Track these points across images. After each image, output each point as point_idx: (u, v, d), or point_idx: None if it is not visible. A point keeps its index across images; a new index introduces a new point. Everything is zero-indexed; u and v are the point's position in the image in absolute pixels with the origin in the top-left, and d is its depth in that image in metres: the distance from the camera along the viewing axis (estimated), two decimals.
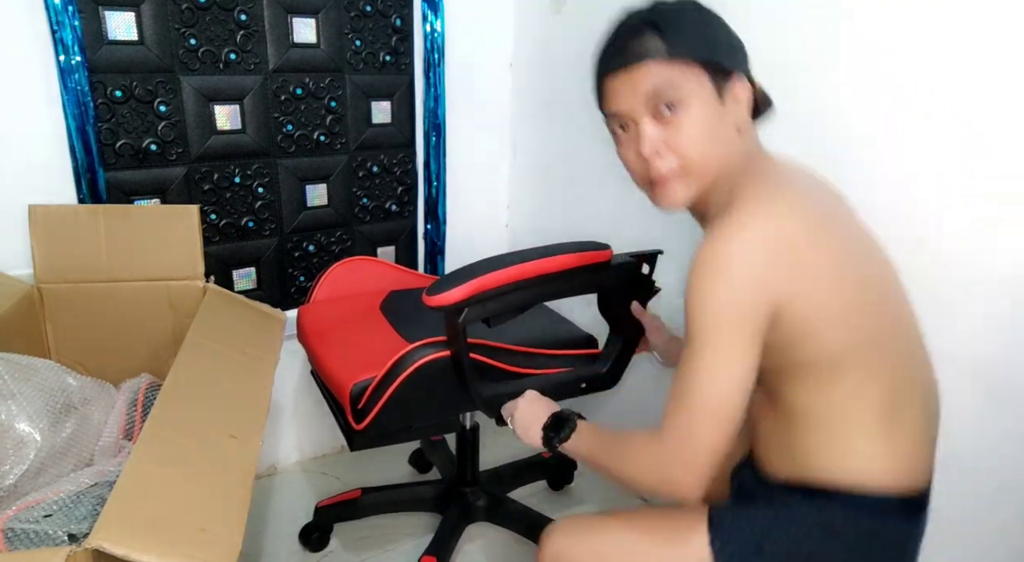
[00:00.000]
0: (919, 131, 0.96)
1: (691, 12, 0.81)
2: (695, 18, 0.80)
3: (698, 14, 0.81)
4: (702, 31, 0.79)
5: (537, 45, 1.66)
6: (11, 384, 0.92)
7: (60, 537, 0.79)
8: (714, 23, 0.81)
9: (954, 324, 0.95)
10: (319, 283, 1.40)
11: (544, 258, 1.02)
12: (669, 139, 0.79)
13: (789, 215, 0.73)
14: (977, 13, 0.88)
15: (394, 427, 1.12)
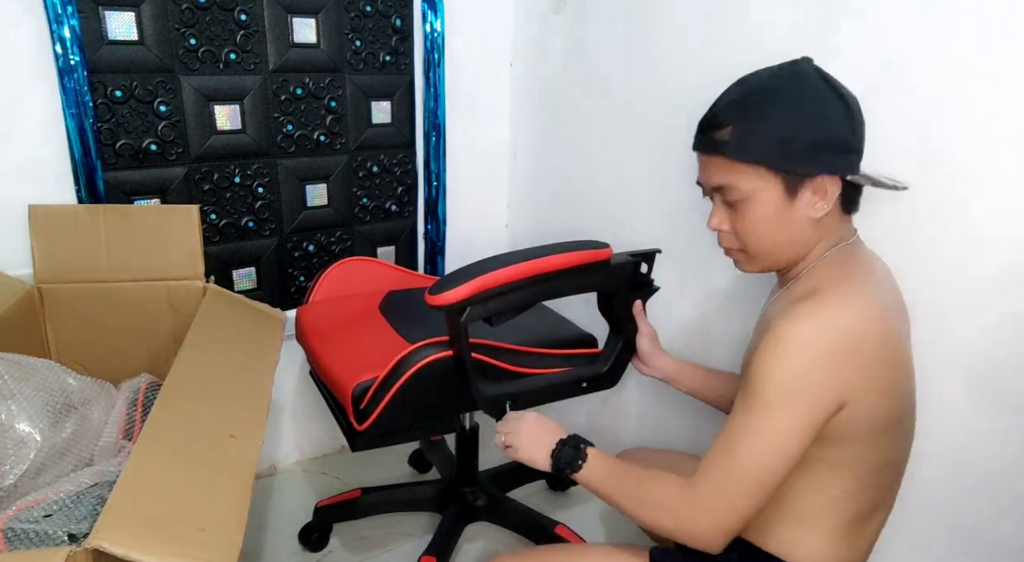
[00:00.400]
0: (919, 130, 0.96)
1: (776, 109, 0.77)
2: (778, 116, 0.76)
3: (784, 110, 0.76)
4: (781, 134, 0.76)
5: (537, 45, 1.66)
6: (11, 384, 0.91)
7: (60, 537, 0.78)
8: (802, 120, 0.76)
9: (953, 324, 0.95)
10: (317, 284, 1.40)
11: (545, 257, 1.02)
12: (735, 223, 0.83)
13: (872, 319, 0.74)
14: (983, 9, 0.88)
15: (396, 427, 1.12)
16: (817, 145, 0.76)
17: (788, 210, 0.79)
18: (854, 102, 0.78)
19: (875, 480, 0.80)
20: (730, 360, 1.30)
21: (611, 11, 1.43)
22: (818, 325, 0.72)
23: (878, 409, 0.75)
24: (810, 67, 0.80)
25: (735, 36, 1.19)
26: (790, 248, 0.82)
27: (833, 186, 0.77)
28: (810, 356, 0.71)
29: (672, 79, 1.32)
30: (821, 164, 0.76)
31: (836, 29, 1.03)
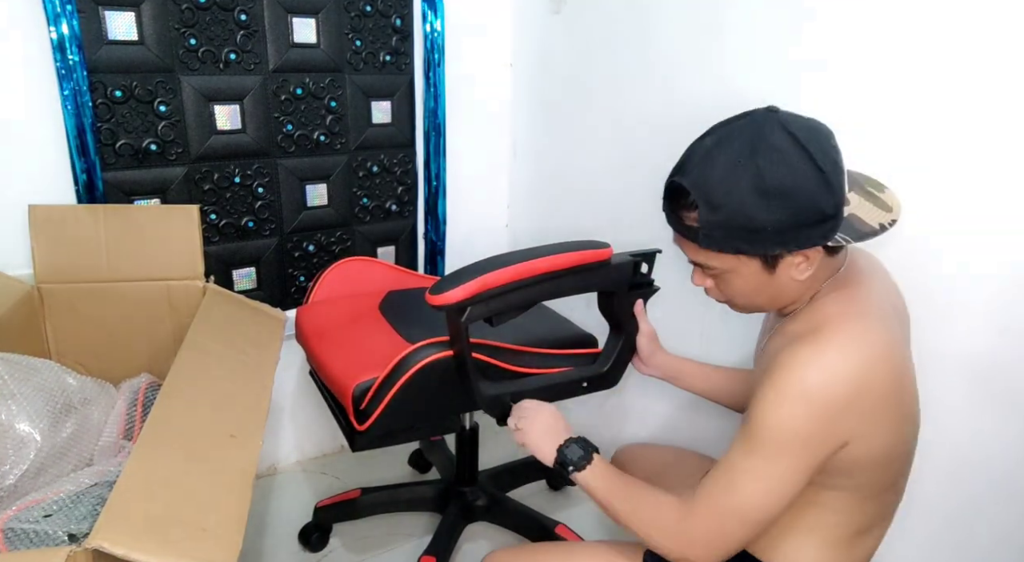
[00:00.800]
0: (918, 129, 0.96)
1: (743, 197, 0.72)
2: (746, 206, 0.72)
3: (752, 199, 0.71)
4: (750, 225, 0.72)
5: (537, 45, 1.66)
6: (11, 384, 0.92)
7: (60, 537, 0.78)
8: (772, 207, 0.71)
9: (951, 323, 0.95)
10: (317, 284, 1.40)
11: (545, 257, 1.02)
12: (718, 287, 0.83)
13: (880, 359, 0.71)
14: (982, 9, 0.88)
15: (396, 427, 1.12)
16: (790, 226, 0.72)
17: (770, 279, 0.78)
18: (829, 160, 0.71)
19: (876, 499, 0.80)
20: (728, 361, 1.30)
21: (611, 11, 1.43)
22: (821, 374, 0.69)
23: (883, 442, 0.74)
24: (778, 126, 0.72)
25: (735, 36, 1.19)
26: (781, 300, 0.81)
27: (814, 252, 0.74)
28: (812, 407, 0.69)
29: (672, 78, 1.32)
30: (798, 242, 0.73)
31: (831, 30, 1.03)
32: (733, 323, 1.30)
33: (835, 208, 0.72)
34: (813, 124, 0.75)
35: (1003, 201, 0.89)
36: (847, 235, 0.73)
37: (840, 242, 0.73)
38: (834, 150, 0.73)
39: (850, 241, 0.73)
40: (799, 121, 0.74)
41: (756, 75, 1.16)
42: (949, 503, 1.00)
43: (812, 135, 0.72)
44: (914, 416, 0.79)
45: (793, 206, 0.71)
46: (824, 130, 0.75)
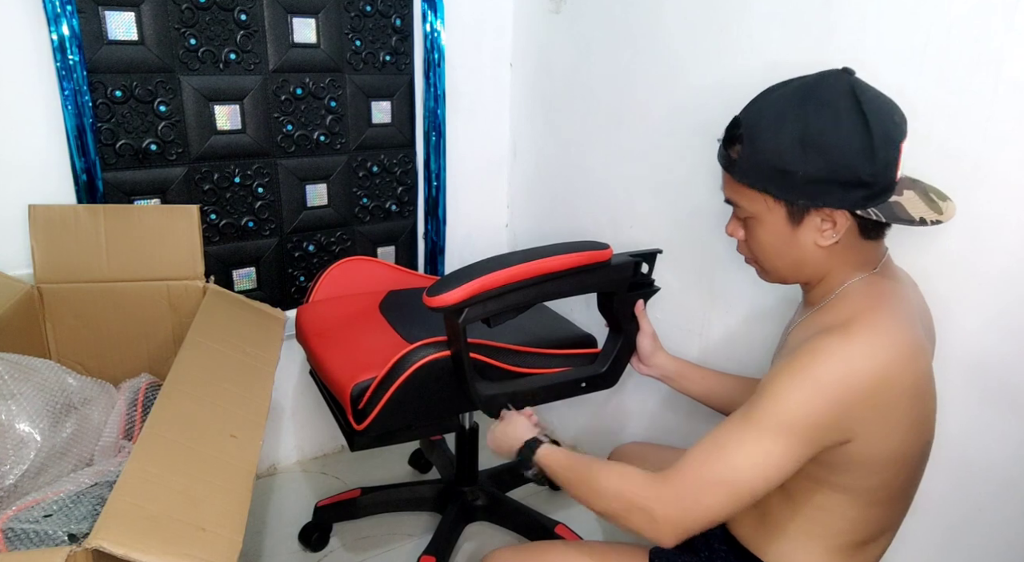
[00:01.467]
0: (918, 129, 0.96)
1: (784, 136, 0.73)
2: (784, 144, 0.73)
3: (792, 139, 0.72)
4: (784, 165, 0.73)
5: (537, 45, 1.66)
6: (11, 384, 0.92)
7: (60, 537, 0.79)
8: (808, 151, 0.72)
9: (950, 322, 0.95)
10: (317, 284, 1.40)
11: (544, 258, 1.02)
12: (746, 237, 0.83)
13: (904, 360, 0.71)
14: (982, 9, 0.88)
15: (395, 427, 1.12)
16: (821, 180, 0.72)
17: (793, 236, 0.77)
18: (883, 131, 0.71)
19: (884, 506, 0.79)
20: (728, 362, 1.30)
21: (611, 10, 1.43)
22: (844, 366, 0.69)
23: (890, 445, 0.73)
24: (845, 85, 0.73)
25: (736, 35, 1.19)
26: (802, 269, 0.80)
27: (842, 218, 0.74)
28: (826, 396, 0.69)
29: (673, 78, 1.32)
30: (824, 199, 0.73)
31: (834, 30, 1.03)
32: (733, 324, 1.30)
33: (872, 177, 0.71)
34: (884, 98, 0.75)
35: (1003, 201, 0.89)
36: (882, 214, 0.72)
37: (870, 215, 0.72)
38: (895, 126, 0.72)
39: (881, 218, 0.73)
40: (869, 89, 0.74)
41: (756, 75, 1.16)
42: (949, 503, 1.00)
43: (876, 104, 0.72)
44: (926, 425, 0.77)
45: (829, 161, 0.71)
46: (893, 107, 0.74)
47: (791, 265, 0.80)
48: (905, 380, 0.71)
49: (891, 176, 0.73)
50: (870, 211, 0.72)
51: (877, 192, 0.72)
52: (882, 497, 0.77)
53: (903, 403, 0.72)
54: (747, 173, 0.77)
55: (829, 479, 0.76)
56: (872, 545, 0.81)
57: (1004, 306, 0.91)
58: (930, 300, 0.90)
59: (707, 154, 0.89)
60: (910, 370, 0.71)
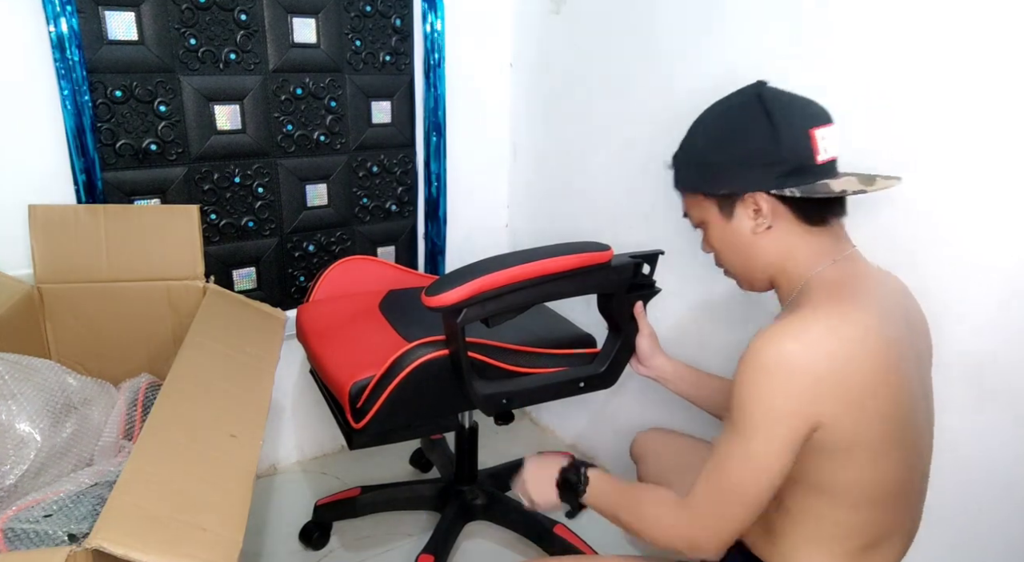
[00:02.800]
0: (918, 129, 0.96)
1: (700, 136, 0.84)
2: (700, 143, 0.84)
3: (705, 137, 0.83)
4: (701, 159, 0.83)
5: (537, 45, 1.66)
6: (11, 384, 0.92)
7: (60, 537, 0.79)
8: (718, 142, 0.81)
9: (950, 322, 0.95)
10: (318, 283, 1.40)
11: (544, 259, 1.02)
12: (711, 248, 0.89)
13: (859, 340, 0.72)
14: (979, 10, 0.88)
15: (393, 426, 1.12)
16: (732, 164, 0.79)
17: (732, 231, 0.83)
18: (784, 116, 0.77)
19: (879, 508, 0.78)
20: (726, 364, 1.30)
21: (611, 10, 1.43)
22: (791, 346, 0.71)
23: (860, 433, 0.73)
24: (752, 90, 0.81)
25: (736, 36, 1.19)
26: (755, 263, 0.84)
27: (764, 202, 0.78)
28: (779, 379, 0.71)
29: (672, 78, 1.32)
30: (741, 183, 0.79)
31: (832, 29, 1.03)
32: (733, 326, 1.31)
33: (779, 156, 0.77)
34: (795, 95, 0.81)
35: (1003, 201, 0.89)
36: (798, 191, 0.77)
37: (785, 193, 0.77)
38: (800, 113, 0.78)
39: (796, 193, 0.76)
40: (780, 91, 0.81)
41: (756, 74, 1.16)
42: (949, 503, 1.00)
43: (779, 99, 0.79)
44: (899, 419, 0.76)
45: (737, 146, 0.79)
46: (801, 101, 0.80)
47: (746, 262, 0.85)
48: (860, 367, 0.71)
49: (803, 157, 0.77)
50: (786, 190, 0.77)
51: (789, 171, 0.77)
52: (865, 497, 0.77)
53: (863, 389, 0.72)
54: (681, 179, 0.87)
55: (808, 478, 0.76)
56: (881, 548, 0.80)
57: (1004, 306, 0.91)
58: (929, 300, 0.90)
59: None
60: (869, 357, 0.72)
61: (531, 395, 1.16)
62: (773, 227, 0.80)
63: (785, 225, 0.80)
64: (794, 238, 0.80)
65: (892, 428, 0.75)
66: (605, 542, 1.41)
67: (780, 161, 0.77)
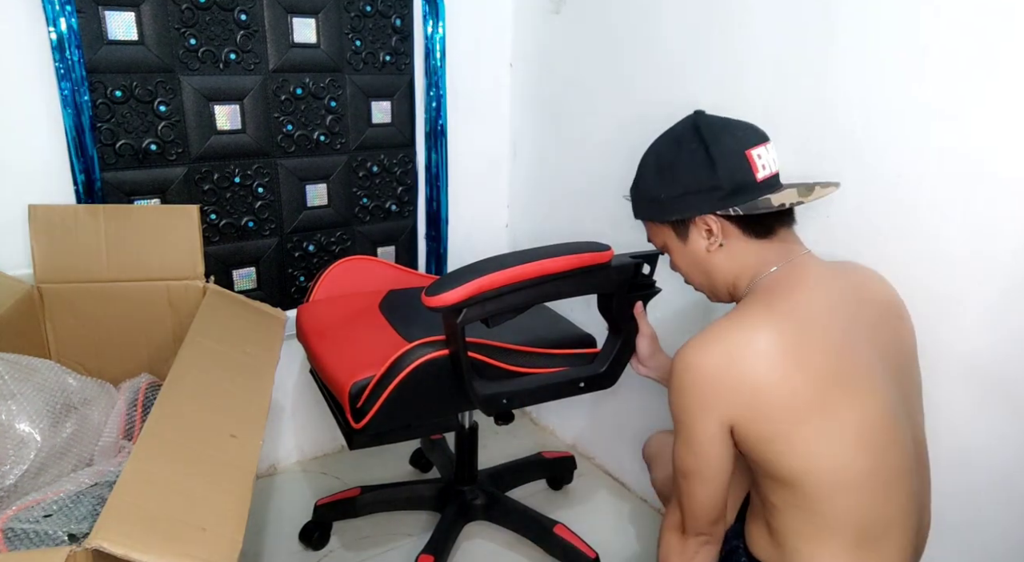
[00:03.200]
0: (919, 129, 0.96)
1: (645, 171, 0.92)
2: (647, 178, 0.91)
3: (649, 171, 0.91)
4: (650, 194, 0.91)
5: (537, 45, 1.66)
6: (11, 384, 0.92)
7: (60, 537, 0.79)
8: (661, 176, 0.88)
9: (950, 322, 0.95)
10: (318, 282, 1.40)
11: (544, 259, 1.02)
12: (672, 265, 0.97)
13: (768, 338, 0.77)
14: (978, 11, 0.88)
15: (393, 426, 1.12)
16: (679, 195, 0.87)
17: (690, 252, 0.90)
18: (719, 145, 0.84)
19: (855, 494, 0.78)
20: None
21: (611, 11, 1.43)
22: (691, 358, 0.79)
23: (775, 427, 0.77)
24: (689, 121, 0.88)
25: (736, 36, 1.19)
26: (714, 278, 0.91)
27: (713, 223, 0.86)
28: (685, 384, 0.79)
29: (672, 77, 1.32)
30: (688, 210, 0.86)
31: (832, 30, 1.03)
32: None
33: (719, 181, 0.83)
34: (729, 120, 0.88)
35: (1003, 200, 0.89)
36: (742, 209, 0.83)
37: (730, 213, 0.84)
38: (734, 139, 0.85)
39: (739, 212, 0.83)
40: (715, 119, 0.88)
41: (757, 74, 1.16)
42: (949, 503, 1.00)
43: (713, 126, 0.86)
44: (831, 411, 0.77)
45: (679, 179, 0.86)
46: (738, 124, 0.87)
47: (706, 277, 0.92)
48: (760, 366, 0.76)
49: (741, 177, 0.84)
50: (730, 210, 0.84)
51: (730, 192, 0.84)
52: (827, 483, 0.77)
53: (762, 388, 0.76)
54: (638, 211, 0.95)
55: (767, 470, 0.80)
56: (878, 545, 0.80)
57: (1004, 306, 0.91)
58: (929, 300, 0.90)
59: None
60: (768, 358, 0.76)
61: (531, 395, 1.16)
62: (725, 244, 0.87)
63: (735, 241, 0.87)
64: (744, 251, 0.87)
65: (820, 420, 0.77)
66: (605, 542, 1.41)
67: (719, 186, 0.83)
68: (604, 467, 1.71)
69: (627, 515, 1.55)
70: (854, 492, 0.78)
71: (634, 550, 1.45)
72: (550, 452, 1.65)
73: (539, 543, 1.38)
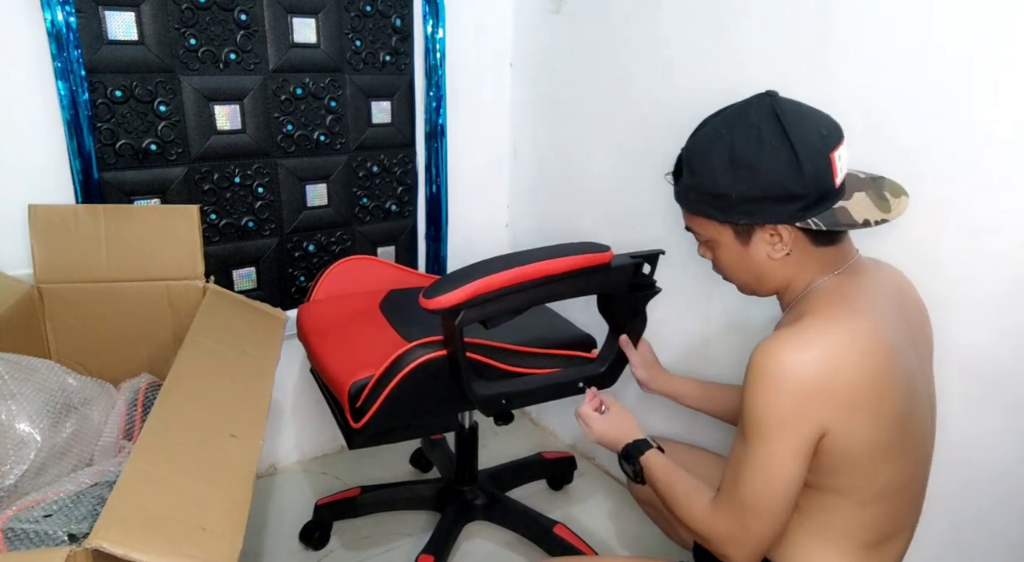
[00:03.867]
0: (919, 129, 0.96)
1: (715, 162, 0.77)
2: (716, 171, 0.77)
3: (722, 165, 0.77)
4: (717, 190, 0.78)
5: (537, 45, 1.66)
6: (11, 384, 0.92)
7: (60, 537, 0.79)
8: (737, 175, 0.76)
9: (951, 323, 0.95)
10: (319, 282, 1.40)
11: (543, 261, 1.02)
12: (714, 259, 0.87)
13: (852, 347, 0.72)
14: (978, 10, 0.88)
15: (391, 425, 1.12)
16: (754, 198, 0.76)
17: (746, 253, 0.82)
18: (807, 145, 0.74)
19: (887, 504, 0.79)
20: (728, 365, 1.31)
21: (611, 11, 1.43)
22: (791, 355, 0.72)
23: (866, 436, 0.74)
24: (767, 108, 0.76)
25: (735, 37, 1.19)
26: (766, 281, 0.84)
27: (786, 231, 0.78)
28: (783, 387, 0.71)
29: (673, 78, 1.32)
30: (762, 216, 0.77)
31: (831, 28, 1.03)
32: (733, 327, 1.30)
33: (804, 189, 0.74)
34: (809, 112, 0.78)
35: (1003, 201, 0.89)
36: (823, 223, 0.75)
37: (810, 226, 0.75)
38: (820, 138, 0.75)
39: (822, 227, 0.75)
40: (792, 107, 0.77)
41: (757, 74, 1.16)
42: (952, 503, 1.00)
43: (800, 120, 0.75)
44: (901, 421, 0.76)
45: (758, 180, 0.75)
46: (819, 120, 0.77)
47: (755, 279, 0.85)
48: (860, 372, 0.72)
49: (825, 185, 0.75)
50: (810, 222, 0.75)
51: (813, 202, 0.75)
52: (873, 495, 0.77)
53: (863, 394, 0.72)
54: (691, 202, 0.83)
55: (818, 481, 0.77)
56: (884, 546, 0.81)
57: (1004, 306, 0.91)
58: (929, 301, 0.90)
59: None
60: (865, 363, 0.72)
61: (530, 396, 1.16)
62: (792, 253, 0.79)
63: (800, 248, 0.79)
64: (807, 258, 0.80)
65: (896, 427, 0.76)
66: (605, 543, 1.41)
67: (803, 194, 0.74)
68: (604, 467, 1.71)
69: (627, 515, 1.55)
70: (887, 501, 0.79)
71: (634, 551, 1.45)
72: (550, 452, 1.65)
73: (539, 543, 1.38)
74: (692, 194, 0.82)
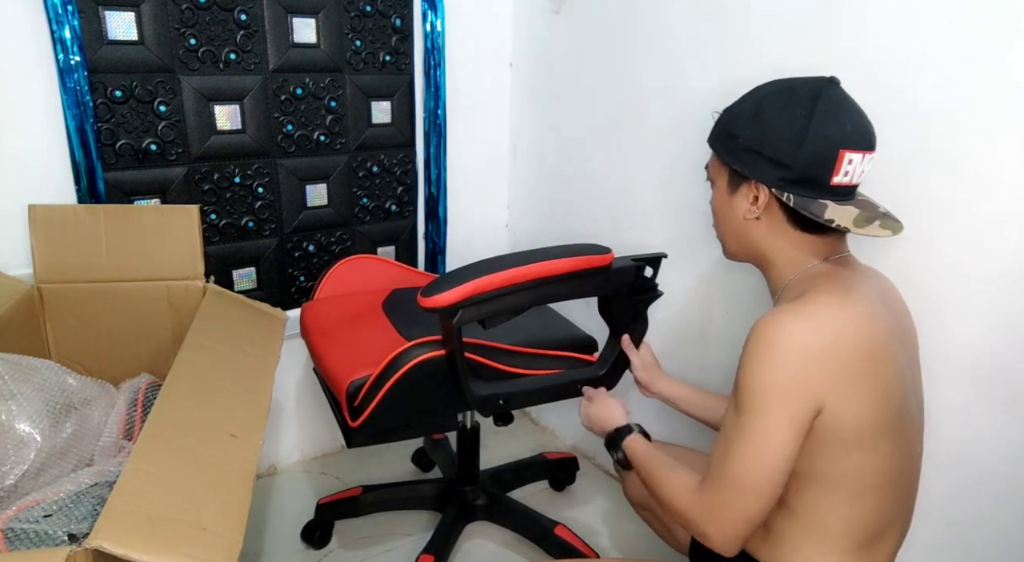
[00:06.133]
0: (919, 129, 0.96)
1: (746, 108, 0.83)
2: (741, 115, 0.83)
3: (748, 112, 0.82)
4: (734, 130, 0.83)
5: (537, 45, 1.66)
6: (11, 384, 0.92)
7: (60, 537, 0.79)
8: (753, 123, 0.81)
9: (951, 323, 0.95)
10: (323, 280, 1.40)
11: (542, 262, 1.02)
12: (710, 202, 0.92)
13: (852, 321, 0.74)
14: (978, 11, 0.88)
15: (390, 425, 1.12)
16: (752, 150, 0.80)
17: (730, 203, 0.86)
18: (822, 128, 0.76)
19: (878, 498, 0.79)
20: (728, 364, 1.30)
21: (611, 11, 1.43)
22: (790, 325, 0.73)
23: (861, 415, 0.74)
24: (816, 86, 0.79)
25: (736, 37, 1.19)
26: (739, 241, 0.87)
27: (763, 195, 0.81)
28: (780, 357, 0.72)
29: (673, 78, 1.32)
30: (750, 169, 0.81)
31: (834, 33, 1.03)
32: (735, 326, 1.30)
33: (793, 162, 0.77)
34: (850, 108, 0.79)
35: (1003, 202, 0.89)
36: (793, 201, 0.78)
37: (781, 196, 0.78)
38: (840, 130, 0.77)
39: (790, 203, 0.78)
40: (839, 97, 0.79)
41: (757, 74, 1.16)
42: (951, 503, 1.00)
43: (835, 109, 0.77)
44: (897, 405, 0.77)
45: (763, 134, 0.79)
46: (854, 118, 0.78)
47: (731, 234, 0.88)
48: (859, 345, 0.73)
49: (815, 171, 0.77)
50: (785, 195, 0.78)
51: (796, 179, 0.78)
52: (864, 487, 0.77)
53: (860, 367, 0.73)
54: (714, 134, 0.88)
55: (811, 469, 0.77)
56: (878, 544, 0.81)
57: (1004, 307, 0.91)
58: (929, 301, 0.90)
59: (707, 155, 0.90)
60: (864, 336, 0.74)
61: (528, 397, 1.16)
62: (761, 220, 0.83)
63: (775, 223, 0.82)
64: (782, 237, 0.83)
65: (889, 411, 0.76)
66: (606, 543, 1.41)
67: (790, 165, 0.77)
68: (605, 468, 1.71)
69: (628, 516, 1.54)
70: (879, 493, 0.78)
71: (635, 551, 1.45)
72: (552, 453, 1.65)
73: (540, 544, 1.38)
74: (717, 128, 0.87)
